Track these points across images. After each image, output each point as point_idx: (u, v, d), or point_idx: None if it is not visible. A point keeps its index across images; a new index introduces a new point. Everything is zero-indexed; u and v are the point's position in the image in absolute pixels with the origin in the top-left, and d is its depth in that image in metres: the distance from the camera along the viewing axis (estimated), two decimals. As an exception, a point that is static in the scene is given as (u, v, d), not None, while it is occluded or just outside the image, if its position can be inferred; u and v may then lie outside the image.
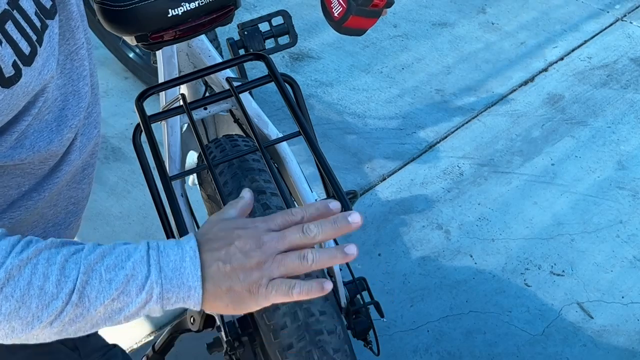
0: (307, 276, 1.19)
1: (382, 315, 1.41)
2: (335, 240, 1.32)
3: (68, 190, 1.10)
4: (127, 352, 1.88)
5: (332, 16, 1.07)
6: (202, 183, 1.36)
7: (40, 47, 0.87)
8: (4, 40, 0.81)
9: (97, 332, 1.16)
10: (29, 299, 0.76)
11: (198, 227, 1.37)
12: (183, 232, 1.00)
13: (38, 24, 0.87)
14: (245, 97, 1.30)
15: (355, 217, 0.82)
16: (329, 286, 0.80)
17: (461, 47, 2.86)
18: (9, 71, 0.82)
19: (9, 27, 0.82)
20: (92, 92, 1.08)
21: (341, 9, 1.03)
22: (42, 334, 0.79)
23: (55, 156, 1.02)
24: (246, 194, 0.89)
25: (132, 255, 0.80)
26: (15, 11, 0.83)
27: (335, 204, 0.84)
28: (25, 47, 0.84)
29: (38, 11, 0.88)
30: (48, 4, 0.90)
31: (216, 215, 0.87)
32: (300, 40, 2.82)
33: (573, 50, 2.82)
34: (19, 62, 0.84)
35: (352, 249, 0.81)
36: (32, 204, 1.02)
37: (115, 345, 1.18)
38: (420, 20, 3.00)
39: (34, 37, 0.86)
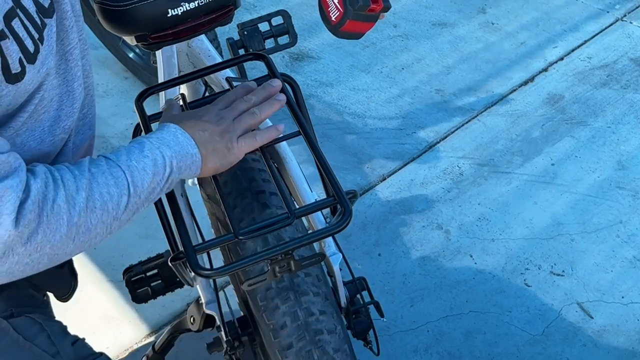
0: (307, 275, 1.19)
1: (382, 315, 1.41)
2: (335, 241, 1.32)
3: None
4: (127, 352, 1.89)
5: (330, 20, 1.07)
6: (202, 183, 1.36)
7: (42, 45, 0.88)
8: (10, 37, 0.82)
9: (84, 339, 1.17)
10: (106, 205, 0.91)
11: (198, 227, 1.37)
12: (183, 232, 1.01)
13: (39, 22, 0.88)
14: (245, 97, 1.30)
15: (275, 82, 1.11)
16: (281, 127, 1.09)
17: (461, 47, 2.86)
18: (15, 67, 0.83)
19: (16, 24, 0.83)
20: (87, 93, 1.08)
21: (338, 13, 1.03)
22: (108, 234, 0.95)
23: (47, 156, 1.02)
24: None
25: (143, 147, 0.96)
26: (18, 9, 0.84)
27: (253, 83, 1.12)
28: (30, 45, 0.86)
29: (37, 10, 0.88)
30: (46, 3, 0.91)
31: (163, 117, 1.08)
32: (300, 40, 2.82)
33: (573, 50, 2.82)
34: (24, 60, 0.85)
35: (277, 85, 1.10)
36: None
37: (101, 354, 1.18)
38: (420, 20, 3.00)
39: (36, 36, 0.87)
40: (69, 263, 1.23)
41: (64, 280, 1.24)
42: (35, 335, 1.12)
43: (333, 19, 1.05)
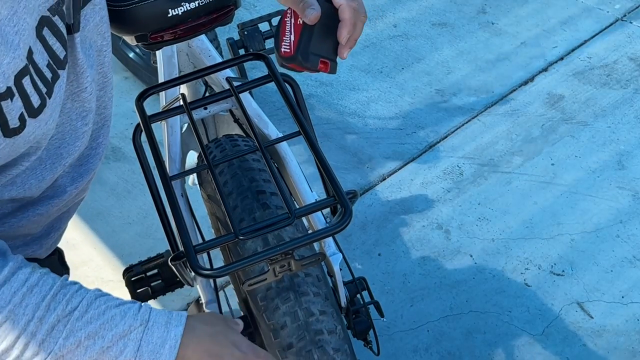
0: (308, 275, 1.19)
1: (382, 315, 1.41)
2: (335, 241, 1.32)
3: (57, 213, 1.10)
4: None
5: (279, 49, 1.04)
6: (202, 183, 1.36)
7: (49, 99, 0.86)
8: (17, 94, 0.80)
9: None
10: (12, 351, 0.85)
11: (198, 227, 1.37)
12: (183, 232, 1.01)
13: (49, 75, 0.86)
14: (245, 97, 1.30)
15: None
16: None
17: (461, 47, 2.86)
18: (14, 123, 0.81)
19: (25, 81, 0.82)
20: (104, 124, 1.08)
21: (288, 50, 1.01)
22: None
23: (49, 188, 1.02)
24: (241, 323, 1.06)
25: (117, 325, 0.88)
26: (30, 66, 0.82)
27: None
28: (35, 101, 0.84)
29: (51, 62, 0.86)
30: (62, 55, 0.89)
31: (224, 320, 0.99)
32: (300, 40, 2.82)
33: (573, 50, 2.82)
34: (25, 114, 0.83)
35: None
36: (16, 221, 1.01)
37: None
38: (420, 20, 3.00)
39: (44, 90, 0.85)
40: (60, 252, 1.23)
41: (55, 269, 1.23)
42: None
43: (282, 51, 1.02)
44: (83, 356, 0.87)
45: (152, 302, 1.48)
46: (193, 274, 0.99)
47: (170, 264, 1.03)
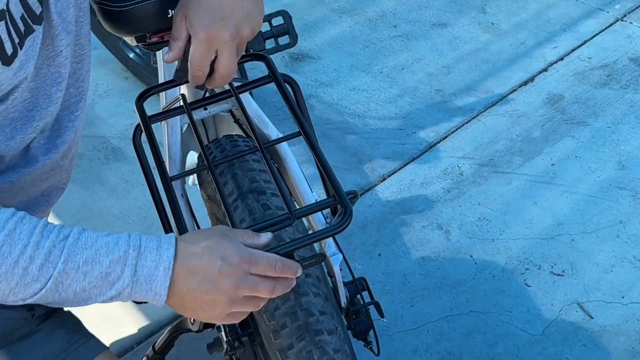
0: (308, 276, 1.19)
1: (382, 316, 1.41)
2: (336, 241, 1.32)
3: (32, 189, 1.10)
4: (128, 352, 1.89)
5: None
6: (202, 183, 1.36)
7: (20, 50, 0.88)
8: None
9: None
10: (12, 277, 0.84)
11: (198, 227, 1.37)
12: (183, 232, 1.01)
13: (22, 27, 0.87)
14: (245, 97, 1.30)
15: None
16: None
17: (461, 47, 2.86)
18: None
19: (1, 26, 0.84)
20: (82, 97, 1.09)
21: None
22: (10, 302, 0.88)
23: (21, 157, 1.02)
24: (265, 238, 0.99)
25: (112, 251, 0.88)
26: (7, 12, 0.84)
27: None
28: (8, 48, 0.85)
29: (25, 15, 0.88)
30: (38, 10, 0.90)
31: (219, 233, 0.95)
32: (300, 41, 2.82)
33: (573, 50, 2.82)
34: None
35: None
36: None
37: None
38: (420, 20, 3.00)
39: (17, 40, 0.87)
40: None
41: None
42: None
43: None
44: (82, 281, 0.87)
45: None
46: (193, 274, 0.99)
47: (170, 264, 1.03)
